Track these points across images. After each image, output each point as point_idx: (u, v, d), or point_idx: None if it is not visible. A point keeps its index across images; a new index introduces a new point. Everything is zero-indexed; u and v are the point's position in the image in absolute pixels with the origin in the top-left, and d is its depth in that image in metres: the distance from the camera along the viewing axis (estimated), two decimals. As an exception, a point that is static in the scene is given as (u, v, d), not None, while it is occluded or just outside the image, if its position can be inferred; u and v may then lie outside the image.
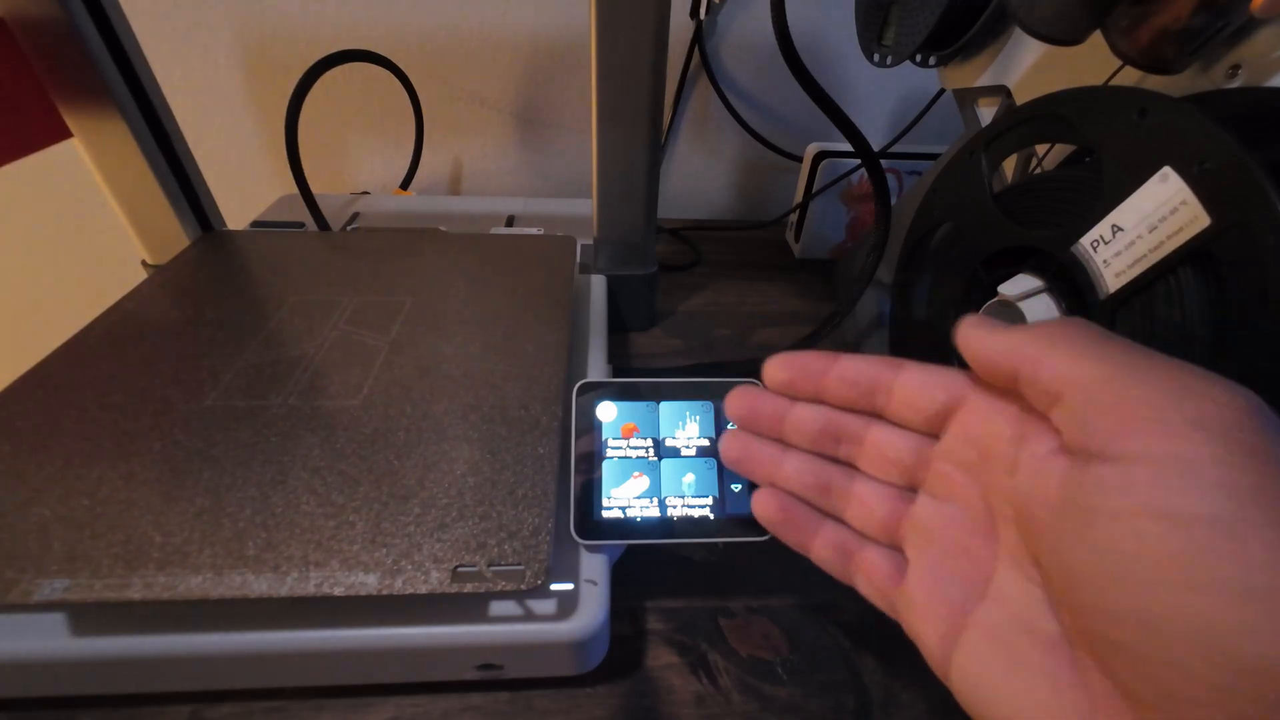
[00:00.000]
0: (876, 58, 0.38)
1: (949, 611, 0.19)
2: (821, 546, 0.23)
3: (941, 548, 0.20)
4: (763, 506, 0.23)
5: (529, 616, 0.24)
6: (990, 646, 0.17)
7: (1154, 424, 0.14)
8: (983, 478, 0.19)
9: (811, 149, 0.55)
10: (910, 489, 0.21)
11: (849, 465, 0.23)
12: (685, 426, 0.28)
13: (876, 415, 0.22)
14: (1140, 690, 0.13)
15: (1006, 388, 0.18)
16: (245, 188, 0.67)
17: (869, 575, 0.21)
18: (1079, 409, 0.16)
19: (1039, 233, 0.25)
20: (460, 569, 0.22)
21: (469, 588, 0.21)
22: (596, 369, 0.36)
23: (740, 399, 0.24)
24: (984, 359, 0.18)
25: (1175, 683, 0.12)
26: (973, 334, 0.19)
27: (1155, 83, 0.25)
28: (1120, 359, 0.16)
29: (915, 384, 0.21)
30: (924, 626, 0.19)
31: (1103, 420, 0.15)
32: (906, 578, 0.20)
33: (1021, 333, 0.18)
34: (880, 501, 0.21)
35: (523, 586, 0.21)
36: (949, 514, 0.20)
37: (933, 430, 0.21)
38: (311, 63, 0.42)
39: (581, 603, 0.24)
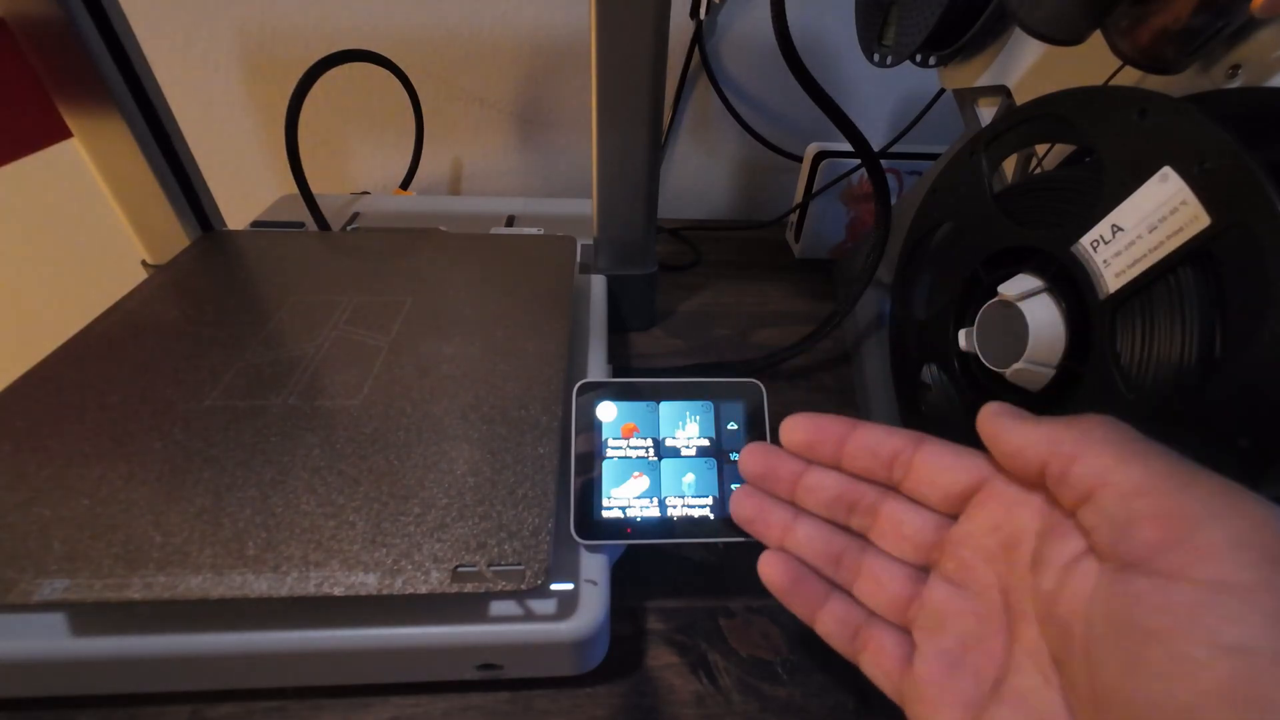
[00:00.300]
0: (876, 58, 0.38)
1: (960, 707, 0.18)
2: (828, 619, 0.22)
3: (954, 637, 0.19)
4: (770, 570, 0.23)
5: (529, 616, 0.24)
6: None
7: (1196, 543, 0.14)
8: (1003, 570, 0.19)
9: (811, 149, 0.55)
10: (923, 569, 0.21)
11: (862, 537, 0.22)
12: (685, 426, 0.28)
13: (893, 488, 0.22)
14: None
15: (1031, 481, 0.18)
16: (245, 188, 0.67)
17: (875, 657, 0.21)
18: (1115, 514, 0.15)
19: (1039, 233, 0.25)
20: (460, 569, 0.22)
21: (469, 588, 0.21)
22: (596, 369, 0.36)
23: (755, 457, 0.24)
24: (1010, 450, 0.18)
25: None
26: (999, 423, 0.19)
27: (1155, 83, 0.25)
28: (1157, 466, 0.15)
29: (936, 462, 0.21)
30: (932, 719, 0.19)
31: (1141, 532, 0.15)
32: (914, 664, 0.20)
33: (1052, 427, 0.17)
34: (891, 579, 0.21)
35: (523, 586, 0.21)
36: (964, 602, 0.19)
37: (951, 510, 0.20)
38: (311, 63, 0.42)
39: (581, 603, 0.24)
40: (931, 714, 0.19)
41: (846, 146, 0.48)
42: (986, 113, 0.37)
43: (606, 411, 0.28)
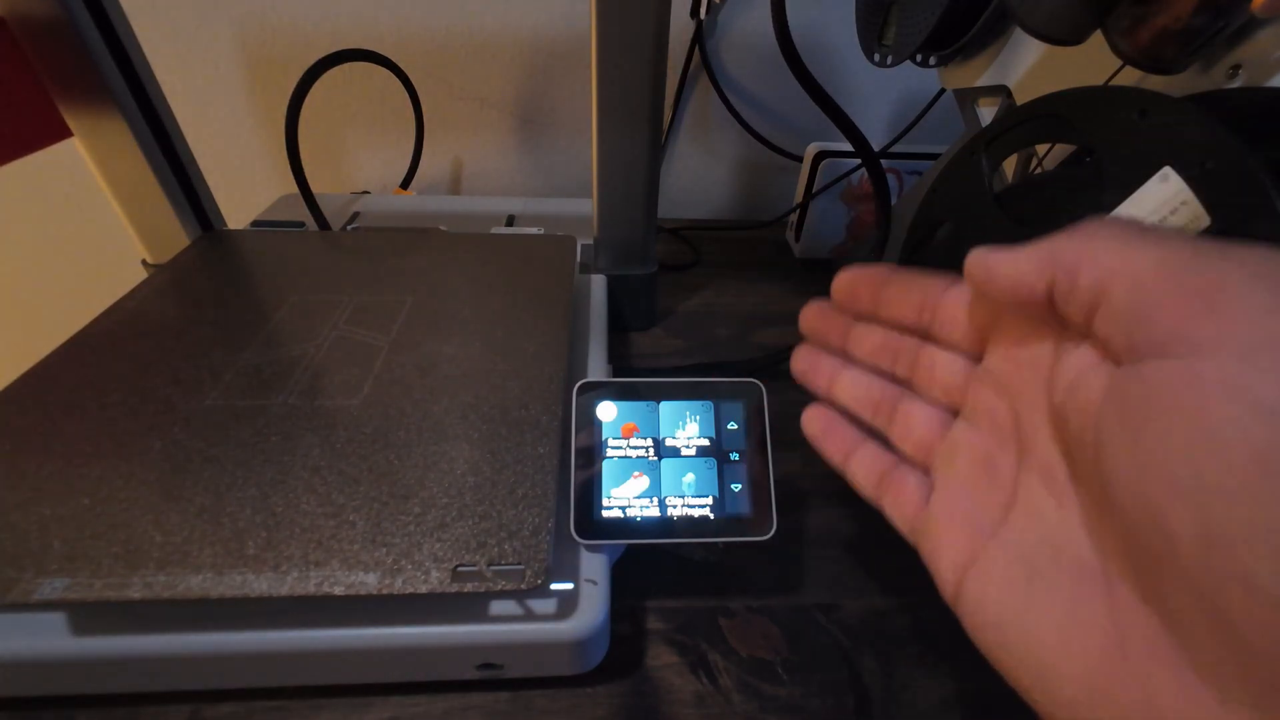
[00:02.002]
0: (877, 58, 0.38)
1: (967, 533, 0.17)
2: (857, 464, 0.22)
3: (964, 468, 0.19)
4: (808, 420, 0.24)
5: (529, 616, 0.24)
6: (1008, 570, 0.16)
7: (1228, 311, 0.12)
8: (1016, 398, 0.18)
9: (811, 149, 0.55)
10: (954, 411, 0.20)
11: (906, 384, 0.22)
12: (685, 426, 0.28)
13: (927, 331, 0.21)
14: (1190, 617, 0.12)
15: (1042, 313, 0.16)
16: (245, 187, 0.67)
17: (895, 497, 0.21)
18: (1130, 305, 0.13)
19: (1039, 232, 0.25)
20: (460, 568, 0.22)
21: (469, 587, 0.21)
22: (596, 369, 0.36)
23: (810, 312, 0.25)
24: (1009, 283, 0.16)
25: (1237, 605, 0.11)
26: (989, 259, 0.17)
27: (1155, 83, 0.25)
28: (1175, 245, 0.13)
29: (959, 301, 0.20)
30: (938, 549, 0.18)
31: (1162, 314, 0.12)
32: (930, 501, 0.19)
33: (1049, 242, 0.15)
34: (921, 422, 0.21)
35: (523, 586, 0.21)
36: (976, 435, 0.19)
37: (976, 351, 0.20)
38: (311, 62, 0.42)
39: (581, 602, 0.24)
40: (938, 543, 0.18)
41: (847, 146, 0.48)
42: (987, 113, 0.37)
43: (606, 411, 0.28)
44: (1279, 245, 0.18)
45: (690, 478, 0.27)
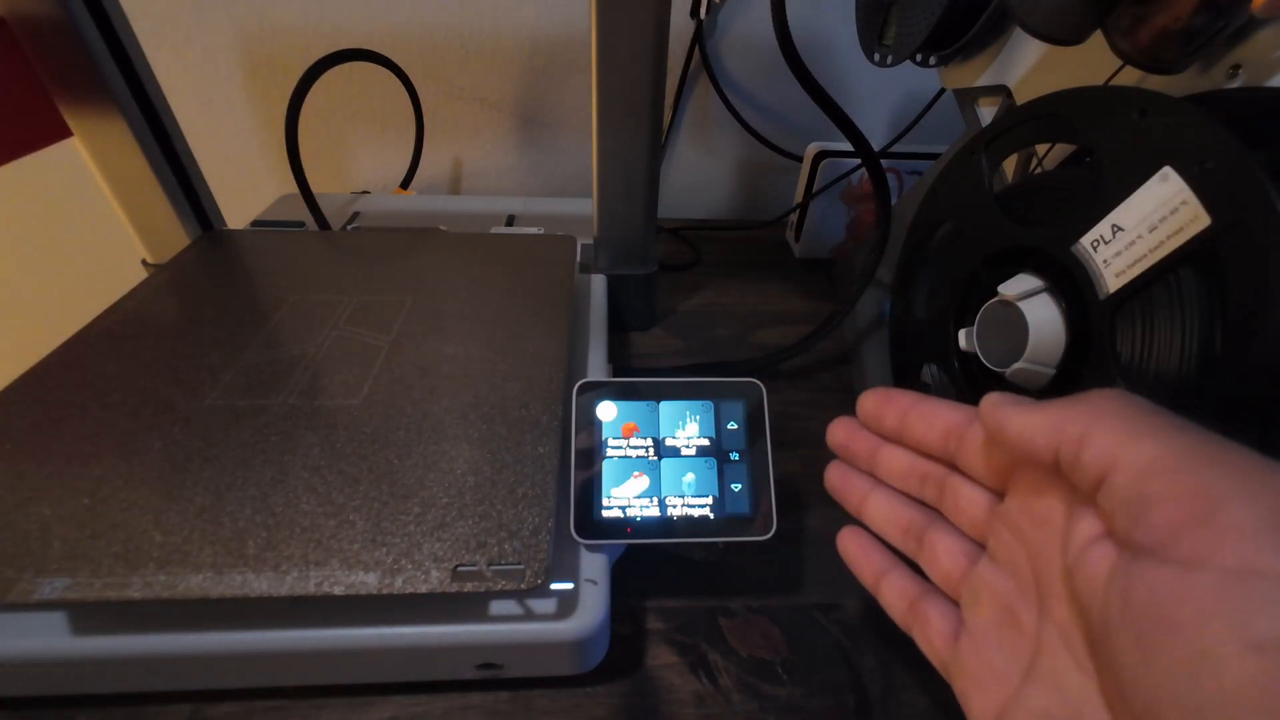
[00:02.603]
0: (877, 57, 0.38)
1: (994, 684, 0.18)
2: (888, 589, 0.22)
3: (989, 614, 0.19)
4: (844, 542, 0.24)
5: (529, 616, 0.24)
6: None
7: (1219, 524, 0.12)
8: (1035, 548, 0.18)
9: (812, 149, 0.55)
10: (981, 544, 0.21)
11: (936, 506, 0.22)
12: (685, 426, 0.28)
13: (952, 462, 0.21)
14: None
15: (1048, 469, 0.17)
16: (245, 187, 0.67)
17: (924, 629, 0.21)
18: (1129, 496, 0.14)
19: (1039, 232, 0.25)
20: (460, 568, 0.22)
21: (469, 587, 0.21)
22: (596, 369, 0.36)
23: (839, 430, 0.25)
24: (1017, 441, 0.17)
25: None
26: (1001, 413, 0.17)
27: (1155, 83, 0.25)
28: (1175, 441, 0.14)
29: (979, 439, 0.20)
30: (968, 696, 0.19)
31: (1158, 514, 0.13)
32: (959, 642, 0.20)
33: (1059, 409, 0.16)
34: (948, 553, 0.21)
35: (523, 586, 0.21)
36: (1001, 579, 0.19)
37: (999, 487, 0.20)
38: (311, 63, 0.42)
39: (581, 602, 0.24)
40: (972, 689, 0.18)
41: (847, 146, 0.48)
42: (987, 113, 0.37)
43: (606, 411, 0.28)
44: (1276, 246, 0.18)
45: (690, 477, 0.27)
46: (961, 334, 0.29)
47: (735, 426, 0.28)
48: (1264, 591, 0.11)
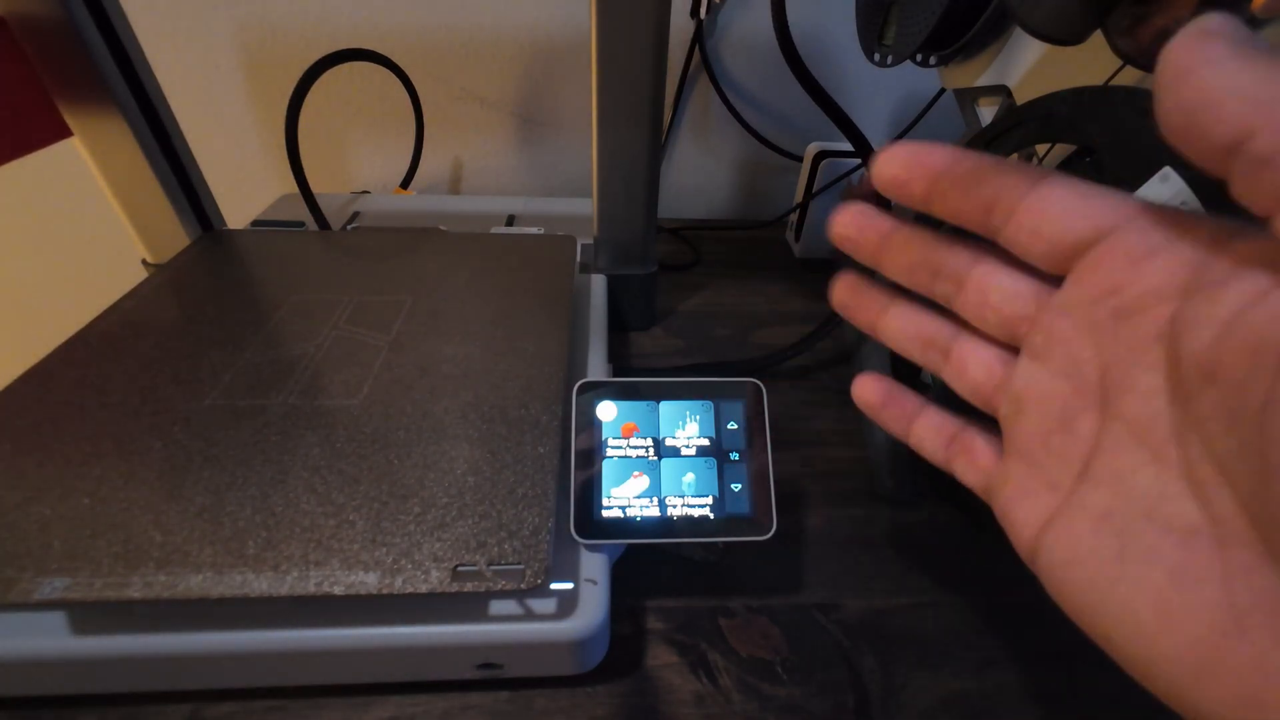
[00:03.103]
0: (877, 57, 0.38)
1: (1043, 489, 0.16)
2: (921, 433, 0.20)
3: (1039, 421, 0.16)
4: (863, 391, 0.22)
5: (529, 616, 0.24)
6: (1094, 533, 0.14)
7: None
8: (1108, 342, 0.15)
9: (812, 149, 0.55)
10: (1013, 348, 0.18)
11: (948, 307, 0.19)
12: (685, 426, 0.28)
13: (993, 239, 0.17)
14: None
15: (1216, 159, 0.12)
16: (245, 187, 0.67)
17: (966, 461, 0.19)
18: None
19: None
20: (460, 568, 0.22)
21: (469, 587, 0.21)
22: (596, 368, 0.36)
23: (849, 219, 0.20)
24: (1203, 98, 0.11)
25: None
26: (1207, 51, 0.11)
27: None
28: None
29: (1051, 201, 0.15)
30: (1011, 506, 0.16)
31: None
32: (1004, 460, 0.17)
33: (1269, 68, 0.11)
34: (979, 363, 0.18)
35: (523, 586, 0.21)
36: (1051, 382, 0.16)
37: (1057, 270, 0.16)
38: (312, 62, 0.42)
39: (581, 602, 0.24)
40: (1016, 503, 0.16)
41: (847, 146, 0.48)
42: (987, 112, 0.37)
43: (606, 411, 0.28)
44: None
45: (690, 477, 0.27)
46: (961, 334, 0.29)
47: (735, 426, 0.28)
48: None
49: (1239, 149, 0.11)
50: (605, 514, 0.26)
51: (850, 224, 0.20)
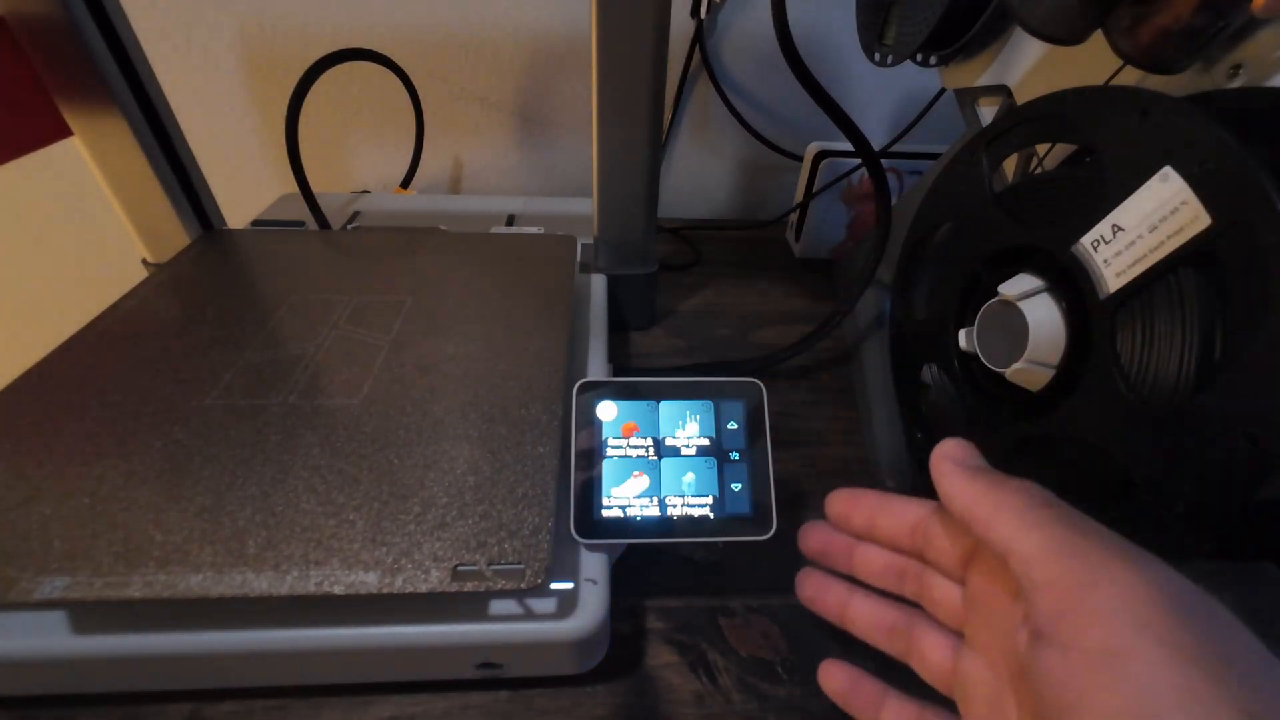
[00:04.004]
0: (877, 57, 0.38)
1: None
2: (890, 716, 0.22)
3: (982, 708, 0.19)
4: (829, 679, 0.24)
5: (529, 615, 0.24)
6: None
7: (1082, 610, 0.14)
8: (998, 631, 0.19)
9: (812, 148, 0.55)
10: (962, 634, 0.21)
11: (917, 605, 0.23)
12: (685, 426, 0.28)
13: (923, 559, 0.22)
14: None
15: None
16: (245, 187, 0.67)
17: None
18: (1021, 582, 0.16)
19: (1039, 232, 0.25)
20: (460, 568, 0.22)
21: (469, 586, 0.21)
22: (596, 368, 0.36)
23: (813, 536, 0.25)
24: (944, 497, 0.19)
25: None
26: (941, 468, 0.19)
27: (1156, 83, 0.25)
28: (1055, 532, 0.16)
29: (943, 529, 0.21)
30: None
31: (1040, 600, 0.15)
32: None
33: (986, 484, 0.18)
34: (934, 650, 0.21)
35: (523, 585, 0.21)
36: (982, 670, 0.19)
37: (963, 577, 0.21)
38: (312, 62, 0.42)
39: (581, 602, 0.24)
40: None
41: (847, 146, 0.48)
42: (987, 112, 0.37)
43: (606, 411, 0.28)
44: (1277, 246, 0.18)
45: (690, 477, 0.27)
46: (962, 334, 0.29)
47: (735, 426, 0.28)
48: (1110, 671, 0.13)
49: (966, 523, 0.18)
50: (605, 514, 0.26)
51: (817, 541, 0.25)
